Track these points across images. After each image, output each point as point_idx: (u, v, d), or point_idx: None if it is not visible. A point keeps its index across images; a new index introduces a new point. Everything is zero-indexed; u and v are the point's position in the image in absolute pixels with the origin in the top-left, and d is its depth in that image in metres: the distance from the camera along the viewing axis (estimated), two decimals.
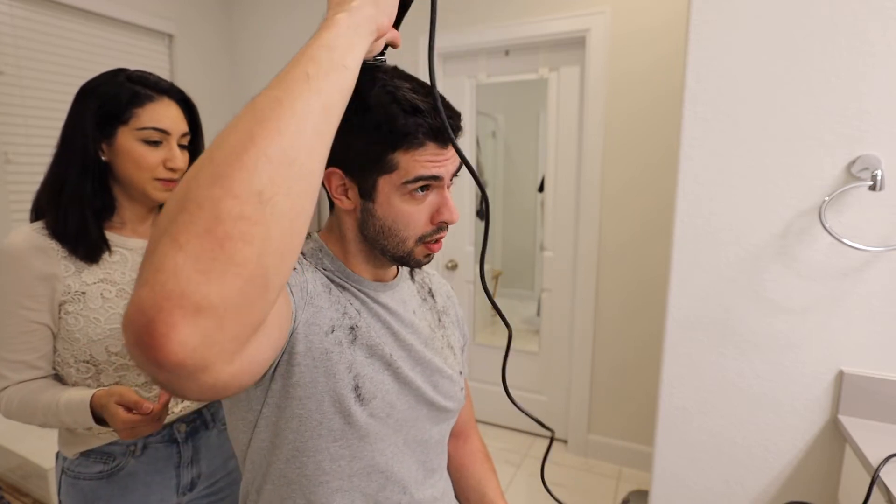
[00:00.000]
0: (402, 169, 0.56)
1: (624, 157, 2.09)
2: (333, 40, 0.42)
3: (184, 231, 0.30)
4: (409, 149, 0.55)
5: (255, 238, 0.32)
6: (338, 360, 0.57)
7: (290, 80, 0.38)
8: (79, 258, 0.81)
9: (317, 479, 0.59)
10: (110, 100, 0.83)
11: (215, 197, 0.31)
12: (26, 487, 1.85)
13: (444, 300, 0.79)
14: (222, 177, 0.32)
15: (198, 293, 0.29)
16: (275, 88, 0.37)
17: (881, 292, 0.94)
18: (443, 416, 0.70)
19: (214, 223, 0.30)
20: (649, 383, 2.12)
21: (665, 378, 1.12)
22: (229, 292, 0.30)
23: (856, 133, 0.92)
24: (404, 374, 0.63)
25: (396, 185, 0.56)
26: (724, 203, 1.02)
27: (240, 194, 0.31)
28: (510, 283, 3.17)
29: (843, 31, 0.91)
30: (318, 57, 0.40)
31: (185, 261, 0.30)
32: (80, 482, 0.86)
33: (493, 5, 2.21)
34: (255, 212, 0.32)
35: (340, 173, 0.58)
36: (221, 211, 0.31)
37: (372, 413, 0.59)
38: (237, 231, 0.31)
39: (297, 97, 0.37)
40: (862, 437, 0.91)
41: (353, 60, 0.43)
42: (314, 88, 0.38)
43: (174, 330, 0.29)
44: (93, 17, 2.20)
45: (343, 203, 0.60)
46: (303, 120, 0.36)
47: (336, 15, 0.44)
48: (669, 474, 1.14)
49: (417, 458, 0.66)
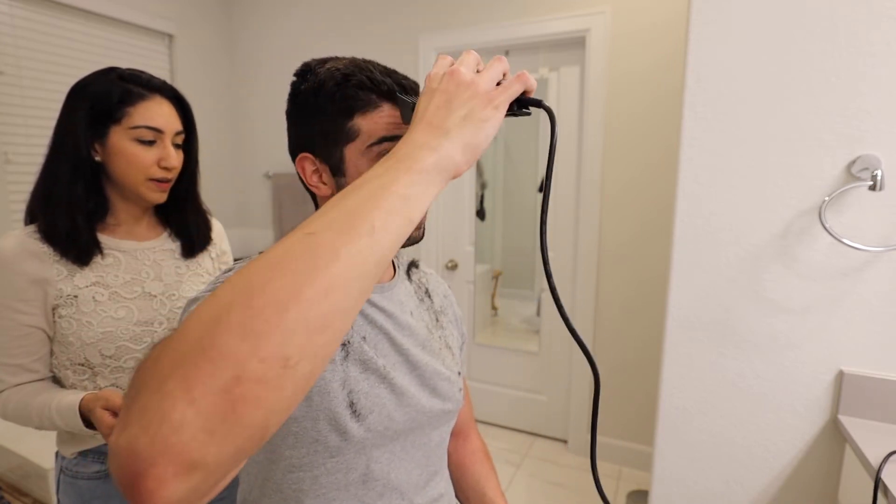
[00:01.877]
0: (364, 133, 0.56)
1: (624, 157, 2.09)
2: (411, 188, 0.37)
3: (200, 383, 0.28)
4: (365, 112, 0.56)
5: (268, 402, 0.29)
6: (331, 378, 0.57)
7: (354, 227, 0.33)
8: (70, 261, 0.81)
9: (314, 493, 0.59)
10: (102, 99, 0.82)
11: (242, 354, 0.28)
12: (26, 487, 1.85)
13: (442, 299, 0.79)
14: (256, 334, 0.29)
15: (198, 452, 0.28)
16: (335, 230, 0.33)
17: (881, 292, 0.94)
18: (442, 418, 0.70)
19: (234, 384, 0.28)
20: (649, 383, 2.12)
21: (665, 378, 1.12)
22: (228, 452, 0.29)
23: (856, 133, 0.92)
24: (401, 382, 0.62)
25: (361, 150, 0.56)
26: (724, 203, 1.02)
27: (266, 357, 0.29)
28: (510, 283, 3.17)
29: (842, 31, 0.91)
30: (391, 207, 0.35)
31: (194, 418, 0.27)
32: (78, 482, 0.86)
33: (493, 5, 2.21)
34: (276, 377, 0.29)
35: (311, 157, 0.59)
36: (245, 372, 0.28)
37: (369, 427, 0.59)
38: (252, 395, 0.28)
39: (357, 254, 0.33)
40: (862, 437, 0.91)
41: (420, 212, 0.38)
42: (377, 247, 0.34)
43: (164, 486, 0.27)
44: (93, 17, 2.20)
45: (321, 189, 0.60)
46: (353, 280, 0.32)
47: (422, 152, 0.39)
48: (669, 474, 1.14)
49: (417, 463, 0.66)
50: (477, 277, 2.61)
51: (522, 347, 2.59)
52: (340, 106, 0.56)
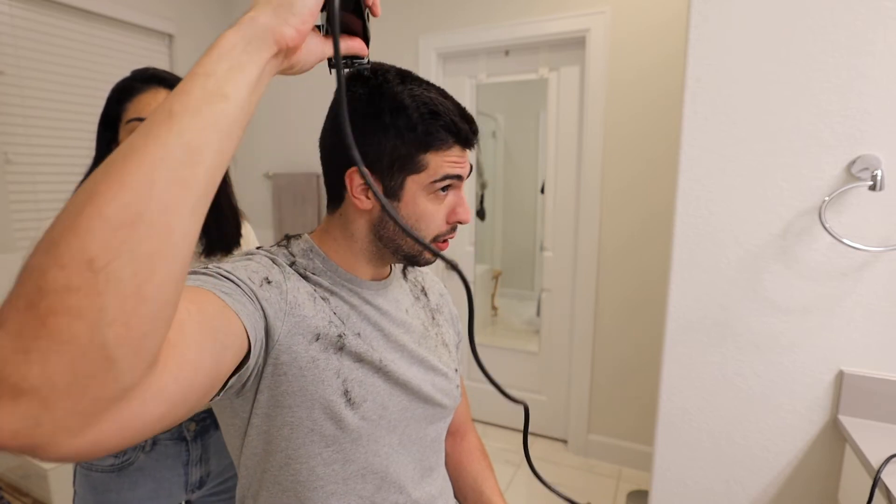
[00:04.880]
0: (430, 169, 0.58)
1: (624, 156, 2.09)
2: (213, 65, 0.36)
3: (6, 305, 0.28)
4: (439, 149, 0.58)
5: (86, 311, 0.28)
6: (325, 367, 0.57)
7: (152, 121, 0.33)
8: None
9: (311, 485, 0.59)
10: (110, 99, 0.84)
11: (42, 266, 0.28)
12: (26, 487, 1.85)
13: (438, 298, 0.79)
14: (54, 244, 0.28)
15: (16, 374, 0.27)
16: (137, 133, 0.33)
17: (881, 292, 0.94)
18: (439, 413, 0.70)
19: (37, 296, 0.27)
20: (649, 383, 2.12)
21: (665, 378, 1.12)
22: (54, 372, 0.27)
23: (856, 133, 0.92)
24: (397, 375, 0.63)
25: (424, 184, 0.59)
26: (724, 203, 1.02)
27: (67, 263, 0.28)
28: (510, 283, 3.18)
29: (842, 31, 0.91)
30: (190, 88, 0.34)
31: (3, 339, 0.27)
32: (93, 474, 0.87)
33: (493, 5, 2.21)
34: (86, 282, 0.28)
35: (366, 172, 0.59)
36: (46, 282, 0.27)
37: (363, 416, 0.59)
38: (63, 306, 0.27)
39: (153, 140, 0.32)
40: (862, 437, 0.91)
41: (238, 87, 0.36)
42: (176, 129, 0.32)
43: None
44: (93, 17, 2.20)
45: (362, 203, 0.60)
46: (155, 168, 0.31)
47: (227, 32, 0.38)
48: (669, 474, 1.14)
49: (413, 458, 0.66)
50: (477, 277, 2.61)
51: (522, 347, 2.59)
52: (420, 138, 0.57)
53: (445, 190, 0.61)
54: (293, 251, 0.63)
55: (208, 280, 0.49)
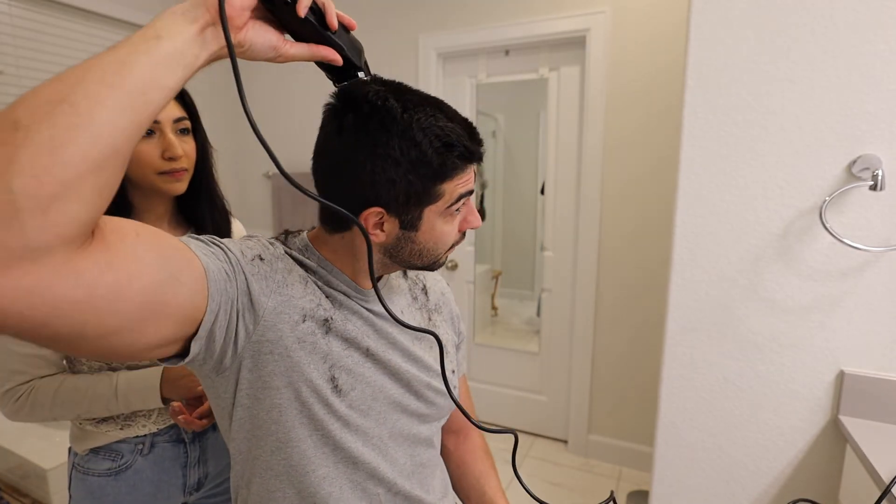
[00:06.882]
0: (446, 196, 0.59)
1: (624, 156, 2.09)
2: (155, 21, 0.45)
3: None
4: (454, 176, 0.58)
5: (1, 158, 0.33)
6: (311, 350, 0.57)
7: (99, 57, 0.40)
8: None
9: (303, 468, 0.59)
10: None
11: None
12: (25, 487, 1.85)
13: (438, 297, 0.79)
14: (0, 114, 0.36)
15: None
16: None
17: (882, 292, 0.94)
18: (434, 413, 0.70)
19: None
20: (649, 383, 2.12)
21: (665, 378, 1.11)
22: None
23: (856, 133, 0.92)
24: (388, 364, 0.63)
25: (440, 211, 0.59)
26: (725, 203, 1.02)
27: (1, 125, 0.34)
28: (510, 283, 3.17)
29: (843, 31, 0.91)
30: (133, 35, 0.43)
31: None
32: (89, 478, 0.87)
33: (493, 5, 2.21)
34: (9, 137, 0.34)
35: (381, 211, 0.58)
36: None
37: (351, 405, 0.60)
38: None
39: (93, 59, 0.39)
40: (863, 437, 0.90)
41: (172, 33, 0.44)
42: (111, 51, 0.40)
43: None
44: (93, 17, 2.20)
45: (378, 237, 0.60)
46: (87, 71, 0.38)
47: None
48: (669, 474, 1.14)
49: (405, 452, 0.67)
50: (477, 277, 2.61)
51: (522, 348, 2.59)
52: (436, 171, 0.56)
53: (459, 209, 0.62)
54: (290, 245, 0.64)
55: (191, 240, 0.51)
